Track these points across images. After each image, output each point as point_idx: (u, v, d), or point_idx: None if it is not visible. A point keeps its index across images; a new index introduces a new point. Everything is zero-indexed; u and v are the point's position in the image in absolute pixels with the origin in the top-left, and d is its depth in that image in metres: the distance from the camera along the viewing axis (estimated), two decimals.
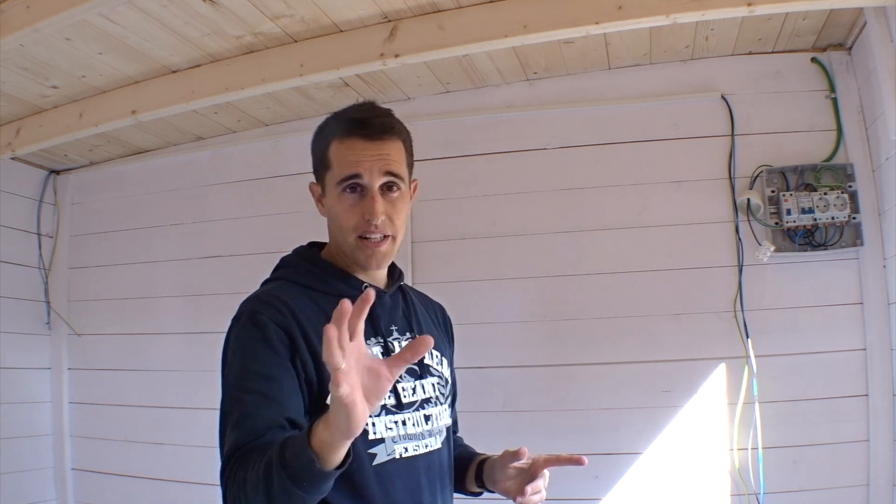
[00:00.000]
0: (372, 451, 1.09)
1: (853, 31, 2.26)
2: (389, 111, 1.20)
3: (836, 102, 2.34)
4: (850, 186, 2.27)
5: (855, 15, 2.17)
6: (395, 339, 1.19)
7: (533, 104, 2.65)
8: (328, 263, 1.20)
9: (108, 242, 3.19)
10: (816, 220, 2.25)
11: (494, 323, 2.57)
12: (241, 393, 1.03)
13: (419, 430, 1.16)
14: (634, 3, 1.96)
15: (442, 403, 1.23)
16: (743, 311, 2.33)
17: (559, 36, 2.08)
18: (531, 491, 1.17)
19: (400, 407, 1.14)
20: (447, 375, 1.29)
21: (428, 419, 1.18)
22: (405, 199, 1.19)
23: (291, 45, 2.28)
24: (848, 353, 2.25)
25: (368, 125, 1.14)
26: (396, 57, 2.16)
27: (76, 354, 3.17)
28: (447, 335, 1.39)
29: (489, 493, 1.31)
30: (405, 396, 1.15)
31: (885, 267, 2.22)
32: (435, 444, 1.19)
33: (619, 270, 2.48)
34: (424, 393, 1.19)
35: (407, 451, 1.13)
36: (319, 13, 2.12)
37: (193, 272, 3.01)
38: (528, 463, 1.20)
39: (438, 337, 1.32)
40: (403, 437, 1.13)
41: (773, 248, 2.30)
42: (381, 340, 1.16)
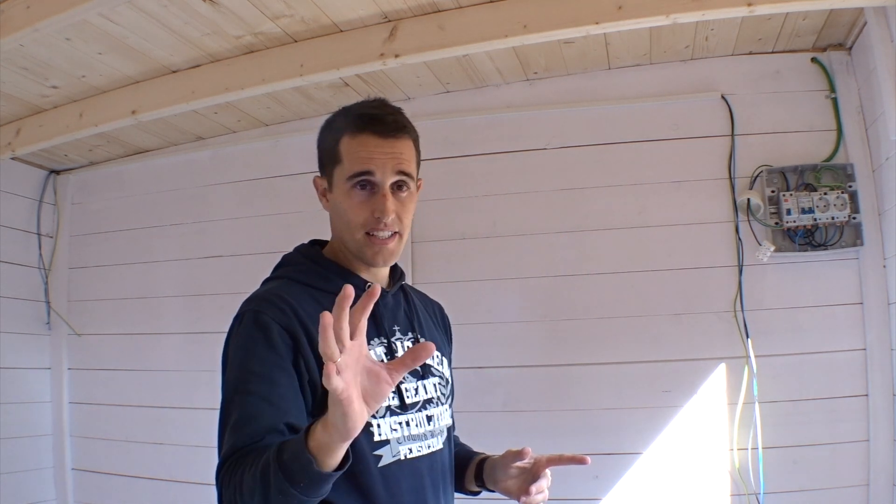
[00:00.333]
0: (377, 452, 1.08)
1: (853, 31, 2.26)
2: (400, 109, 1.19)
3: (836, 102, 2.34)
4: (850, 186, 2.27)
5: (855, 15, 2.17)
6: (398, 339, 1.19)
7: (533, 104, 2.64)
8: (330, 261, 1.19)
9: (108, 242, 3.19)
10: (816, 220, 2.25)
11: (494, 323, 2.57)
12: (240, 395, 1.02)
13: (422, 430, 1.15)
14: (634, 3, 1.96)
15: (443, 403, 1.23)
16: (743, 311, 2.33)
17: (559, 36, 2.08)
18: (535, 491, 1.17)
19: (404, 408, 1.13)
20: (447, 375, 1.29)
21: (430, 420, 1.18)
22: (413, 198, 1.19)
23: (291, 45, 2.28)
24: (848, 353, 2.25)
25: (382, 122, 1.14)
26: (396, 57, 2.16)
27: (76, 354, 3.17)
28: (446, 335, 1.39)
29: (489, 492, 1.31)
30: (408, 397, 1.14)
31: (885, 267, 2.22)
32: (437, 444, 1.19)
33: (619, 270, 2.48)
34: (426, 393, 1.19)
35: (411, 452, 1.13)
36: (319, 13, 2.12)
37: (194, 272, 3.01)
38: (530, 463, 1.19)
39: (438, 336, 1.31)
40: (407, 438, 1.12)
41: (773, 248, 2.30)
42: (384, 341, 1.16)
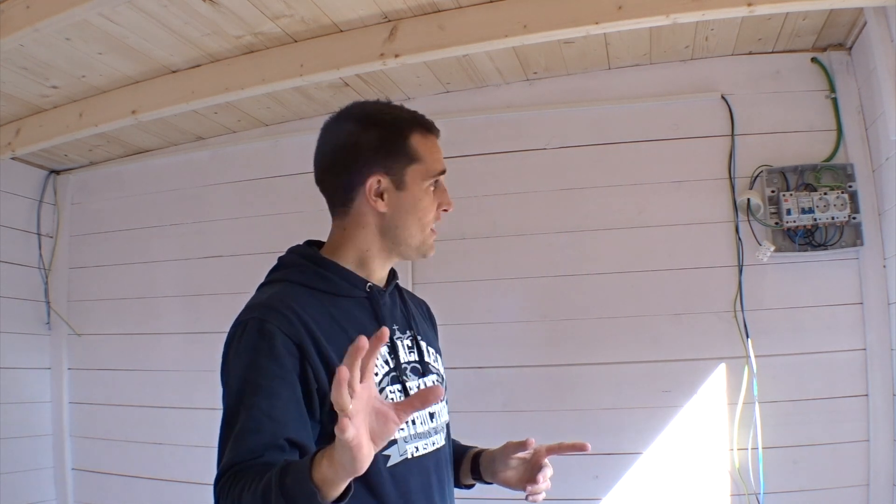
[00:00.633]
0: (386, 452, 1.08)
1: (853, 31, 2.26)
2: None
3: (836, 102, 2.34)
4: (850, 186, 2.27)
5: (855, 15, 2.17)
6: (398, 338, 1.20)
7: (533, 104, 2.64)
8: (331, 262, 1.19)
9: (108, 242, 3.19)
10: (816, 220, 2.25)
11: (494, 323, 2.57)
12: (242, 407, 1.01)
13: (426, 428, 1.17)
14: (634, 3, 1.96)
15: (442, 400, 1.24)
16: (743, 311, 2.33)
17: (559, 36, 2.08)
18: (542, 478, 1.19)
19: None
20: (442, 372, 1.30)
21: (433, 417, 1.19)
22: None
23: (291, 45, 2.28)
24: (848, 353, 2.25)
25: (435, 126, 1.25)
26: (396, 57, 2.16)
27: (76, 354, 3.17)
28: (434, 331, 1.40)
29: (484, 484, 1.32)
30: None
31: (885, 267, 2.22)
32: (440, 441, 1.20)
33: (619, 270, 2.48)
34: None
35: (418, 450, 1.13)
36: (319, 13, 2.12)
37: (193, 272, 3.01)
38: (529, 453, 1.21)
39: (430, 334, 1.34)
40: (413, 436, 1.13)
41: (773, 248, 2.30)
42: (386, 341, 1.16)
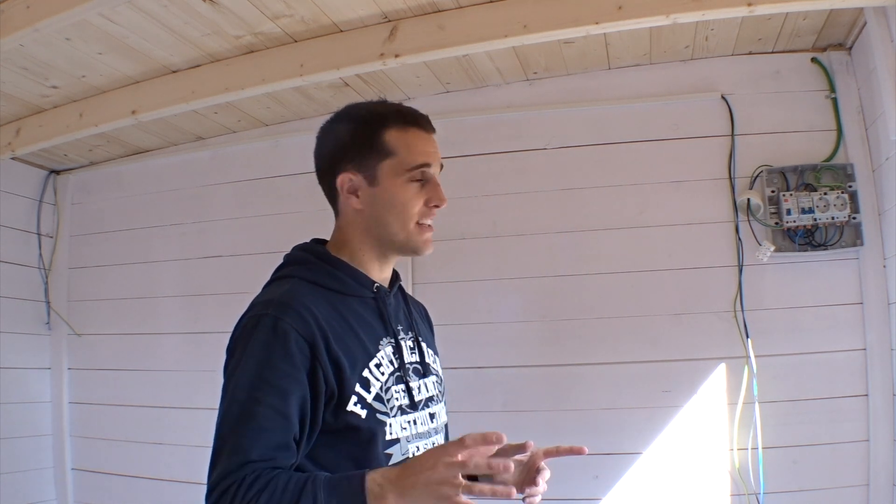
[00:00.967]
0: (388, 451, 1.09)
1: (853, 31, 2.26)
2: None
3: (836, 102, 2.34)
4: (850, 186, 2.27)
5: (855, 15, 2.17)
6: (402, 338, 1.20)
7: (533, 104, 2.64)
8: (340, 261, 1.19)
9: (108, 242, 3.19)
10: (816, 220, 2.25)
11: (494, 323, 2.57)
12: (253, 404, 1.01)
13: (426, 428, 1.18)
14: (634, 3, 1.96)
15: (441, 401, 1.26)
16: (743, 311, 2.33)
17: (559, 36, 2.08)
18: (540, 481, 1.19)
19: (413, 406, 1.15)
20: (441, 373, 1.31)
21: (433, 417, 1.20)
22: None
23: (291, 45, 2.28)
24: (848, 353, 2.25)
25: (422, 119, 1.20)
26: (396, 57, 2.16)
27: (76, 354, 3.17)
28: (431, 333, 1.41)
29: None
30: (416, 396, 1.17)
31: (885, 267, 2.22)
32: (440, 441, 1.21)
33: (619, 270, 2.48)
34: (428, 391, 1.21)
35: (419, 449, 1.14)
36: (319, 13, 2.12)
37: (193, 272, 3.01)
38: (527, 456, 1.21)
39: (429, 336, 1.35)
40: (415, 436, 1.14)
41: (773, 248, 2.30)
42: (391, 340, 1.18)
